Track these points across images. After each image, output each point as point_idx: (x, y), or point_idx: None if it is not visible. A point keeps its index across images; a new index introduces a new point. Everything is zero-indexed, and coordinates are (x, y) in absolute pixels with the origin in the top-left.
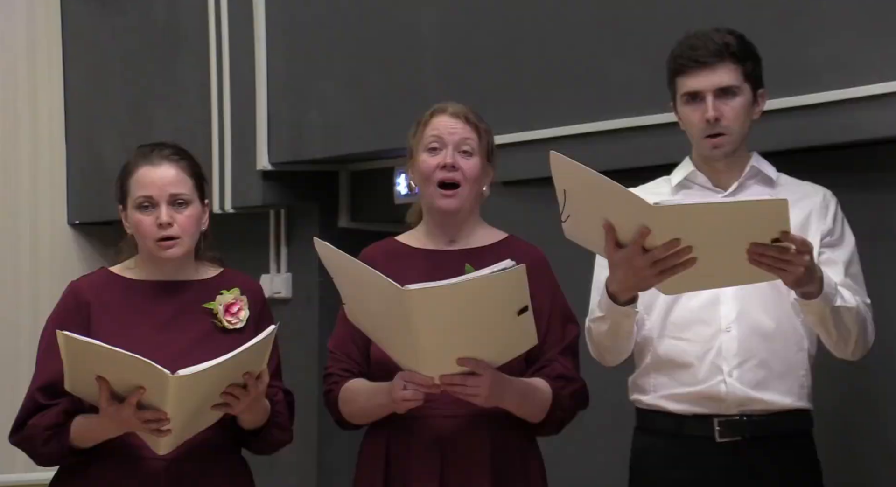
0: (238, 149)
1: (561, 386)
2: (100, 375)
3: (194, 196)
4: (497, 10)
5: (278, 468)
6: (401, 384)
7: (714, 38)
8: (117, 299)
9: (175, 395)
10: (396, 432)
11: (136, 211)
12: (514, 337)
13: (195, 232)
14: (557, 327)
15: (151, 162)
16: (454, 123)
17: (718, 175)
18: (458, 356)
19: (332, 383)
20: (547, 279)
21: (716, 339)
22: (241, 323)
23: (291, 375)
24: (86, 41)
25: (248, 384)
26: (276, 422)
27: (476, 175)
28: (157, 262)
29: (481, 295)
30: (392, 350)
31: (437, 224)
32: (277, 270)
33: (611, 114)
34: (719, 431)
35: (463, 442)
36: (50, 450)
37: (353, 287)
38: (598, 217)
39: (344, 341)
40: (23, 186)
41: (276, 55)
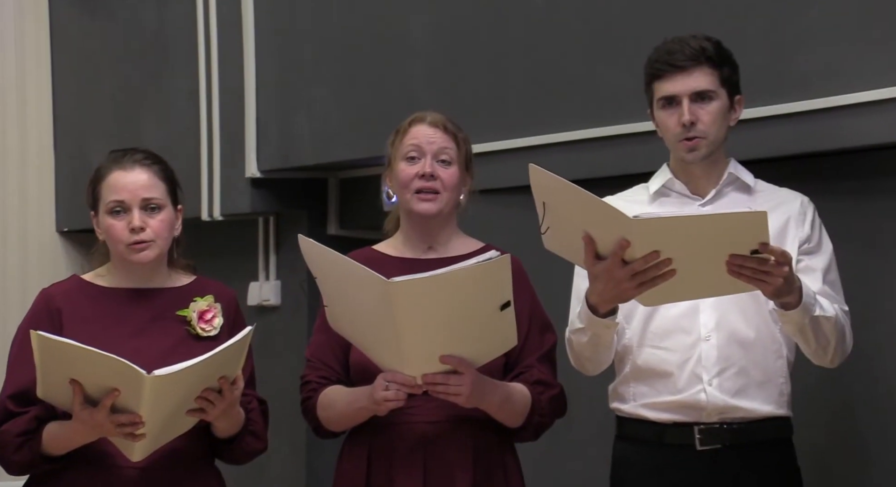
0: (227, 157)
1: (540, 391)
2: (73, 378)
3: (167, 201)
4: (486, 18)
5: (267, 475)
6: (383, 384)
7: (690, 43)
8: (89, 306)
9: (150, 397)
10: (377, 438)
11: (108, 216)
12: (496, 335)
13: (168, 236)
14: (535, 334)
15: (123, 166)
16: (433, 132)
17: (696, 182)
18: (441, 353)
19: (309, 390)
20: (524, 287)
21: (695, 348)
22: (215, 331)
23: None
24: (74, 48)
25: (223, 388)
26: (250, 430)
27: (454, 183)
28: (129, 269)
29: (465, 286)
30: (374, 351)
31: (415, 230)
32: (266, 277)
33: (599, 122)
34: (700, 439)
35: (444, 446)
36: (21, 458)
37: (336, 285)
38: (577, 229)
39: (321, 349)
40: (11, 193)
41: (264, 62)
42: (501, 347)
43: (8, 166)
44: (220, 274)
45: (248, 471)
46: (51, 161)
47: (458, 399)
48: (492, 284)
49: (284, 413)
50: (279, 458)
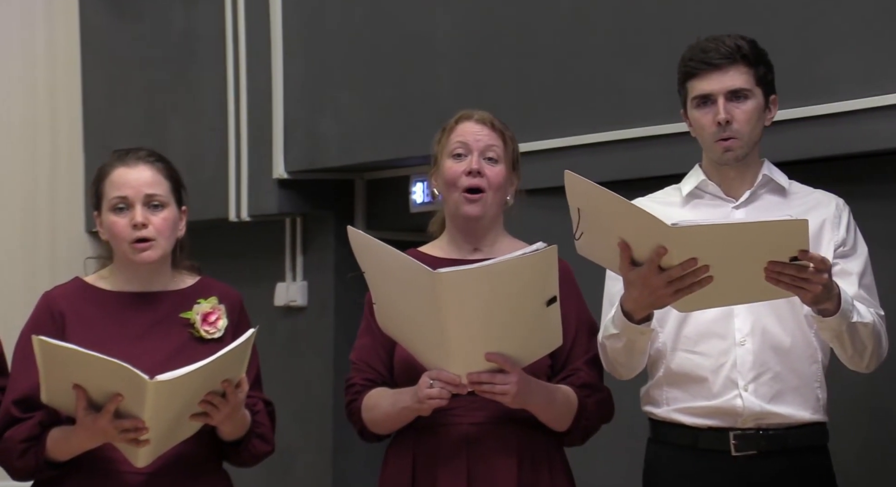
0: (254, 158)
1: (587, 394)
2: (76, 383)
3: (171, 199)
4: (512, 20)
5: (293, 476)
6: (427, 382)
7: (726, 41)
8: (92, 309)
9: (153, 402)
10: (422, 440)
11: (111, 212)
12: (542, 332)
13: (171, 235)
14: (583, 337)
15: (127, 163)
16: (480, 129)
17: (729, 183)
18: (487, 351)
19: (354, 393)
20: (573, 290)
21: (730, 353)
22: (220, 333)
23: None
24: (104, 50)
25: (226, 392)
26: (256, 433)
27: (501, 182)
28: (132, 271)
29: (511, 278)
30: (419, 350)
31: (461, 232)
32: (293, 278)
33: (625, 124)
34: (735, 445)
35: (488, 447)
36: (26, 463)
37: (383, 278)
38: (612, 235)
39: (366, 351)
40: (41, 194)
41: (292, 64)
42: (548, 346)
43: (38, 167)
44: (247, 274)
45: (273, 473)
46: (80, 162)
47: (504, 398)
48: (538, 277)
49: (311, 413)
50: (305, 459)
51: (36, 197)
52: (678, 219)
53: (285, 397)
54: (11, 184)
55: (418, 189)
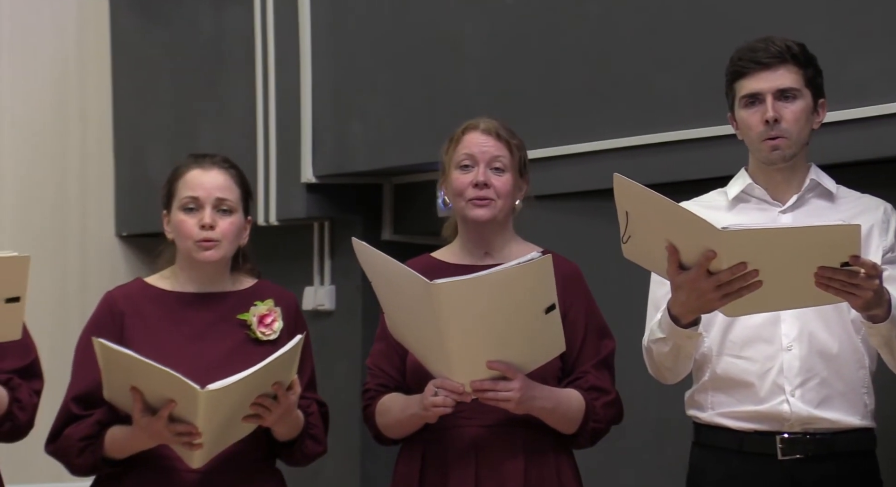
0: (283, 162)
1: (594, 397)
2: (134, 386)
3: (239, 206)
4: (540, 24)
5: (321, 480)
6: (432, 390)
7: (775, 41)
8: (151, 309)
9: (205, 409)
10: (430, 444)
11: (181, 212)
12: (543, 340)
13: (235, 240)
14: (593, 341)
15: (202, 166)
16: (486, 140)
17: (776, 187)
18: (488, 359)
19: (369, 398)
20: (582, 292)
21: (777, 358)
22: (275, 335)
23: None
24: (133, 55)
25: (278, 395)
26: (310, 434)
27: (508, 190)
28: (193, 271)
29: (508, 287)
30: (425, 357)
31: (472, 236)
32: (321, 282)
33: (653, 128)
34: (781, 448)
35: (496, 449)
36: (84, 461)
37: (388, 287)
38: (660, 238)
39: (380, 357)
40: (71, 198)
41: (320, 69)
42: (549, 352)
43: (68, 171)
44: (275, 278)
45: (303, 474)
46: (110, 166)
47: (508, 405)
48: (534, 285)
49: (339, 417)
50: (334, 462)
51: (66, 201)
52: (727, 223)
53: None
54: (42, 188)
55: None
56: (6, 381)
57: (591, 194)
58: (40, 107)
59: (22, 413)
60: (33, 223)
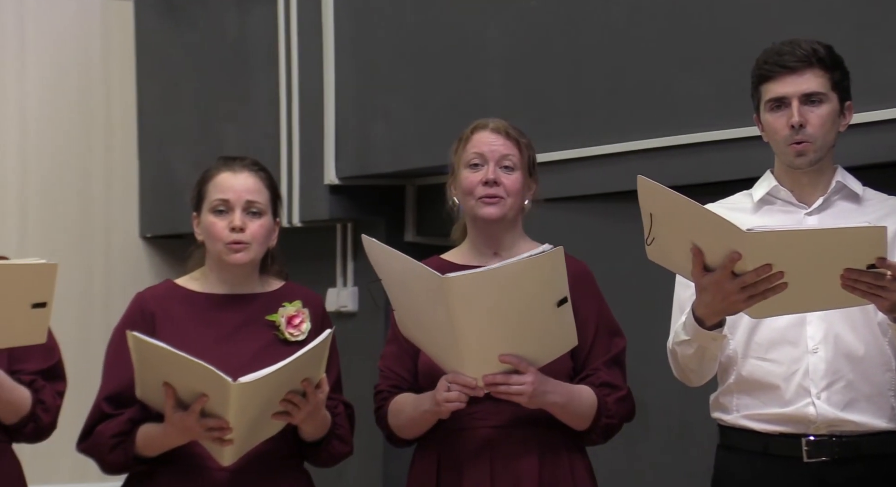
0: (306, 164)
1: (606, 392)
2: (166, 381)
3: (268, 209)
4: (563, 26)
5: (344, 480)
6: (444, 385)
7: (802, 45)
8: (181, 310)
9: (236, 403)
10: (445, 444)
11: (211, 214)
12: (555, 334)
13: (264, 242)
14: (604, 338)
15: (232, 169)
16: (495, 139)
17: (802, 189)
18: (500, 353)
19: (381, 400)
20: (592, 291)
21: (802, 360)
22: (303, 335)
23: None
24: (158, 57)
25: (306, 391)
26: (336, 434)
27: (517, 189)
28: (223, 273)
29: (520, 280)
30: (437, 354)
31: (481, 236)
32: (344, 284)
33: (676, 130)
34: (807, 451)
35: (510, 449)
36: (116, 458)
37: (399, 284)
38: (684, 240)
39: (392, 359)
40: (96, 199)
41: (343, 71)
42: (562, 347)
43: (93, 172)
44: (298, 280)
45: (326, 475)
46: (134, 167)
47: (521, 398)
48: (546, 278)
49: (361, 418)
50: (356, 463)
51: (91, 202)
52: (752, 225)
53: None
54: (67, 189)
55: None
56: (30, 383)
57: (613, 196)
58: (65, 109)
59: (45, 415)
60: (58, 224)
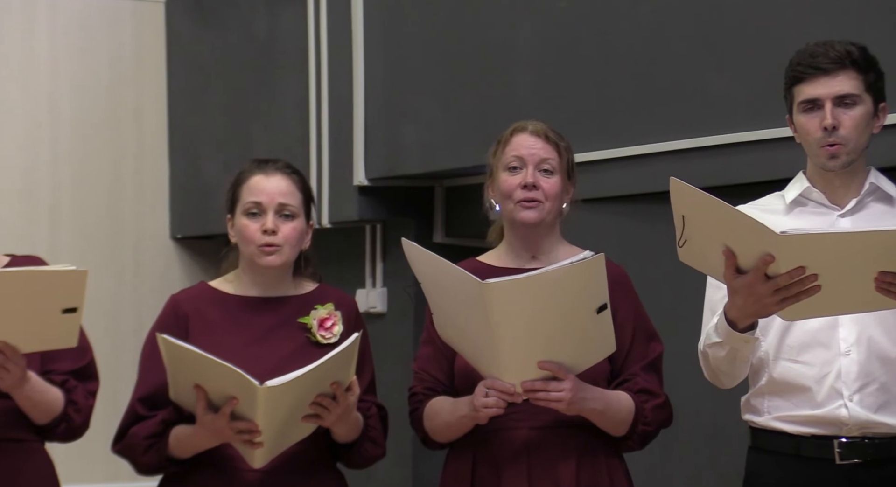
0: (335, 165)
1: (643, 399)
2: (197, 384)
3: (301, 211)
4: (592, 27)
5: (374, 482)
6: (483, 391)
7: (835, 46)
8: (215, 312)
9: (264, 405)
10: (481, 445)
11: (244, 216)
12: (594, 340)
13: (297, 245)
14: (641, 344)
15: (265, 172)
16: (534, 142)
17: (835, 191)
18: (539, 359)
19: (416, 402)
20: (630, 296)
21: (834, 363)
22: (335, 338)
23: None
24: (188, 59)
25: (336, 394)
26: (369, 436)
27: (556, 193)
28: (256, 275)
29: (560, 287)
30: (475, 358)
31: (519, 240)
32: (373, 285)
33: (706, 131)
34: (839, 453)
35: (548, 451)
36: (149, 459)
37: (438, 288)
38: (717, 242)
39: (427, 361)
40: (126, 201)
41: (373, 72)
42: (600, 353)
43: (123, 174)
44: (328, 281)
45: (356, 477)
46: (165, 168)
47: (559, 405)
48: (587, 285)
49: (391, 419)
50: (385, 465)
51: (121, 204)
52: (785, 227)
53: None
54: (97, 190)
55: None
56: (62, 383)
57: (643, 197)
58: (96, 111)
59: (77, 415)
60: (89, 225)
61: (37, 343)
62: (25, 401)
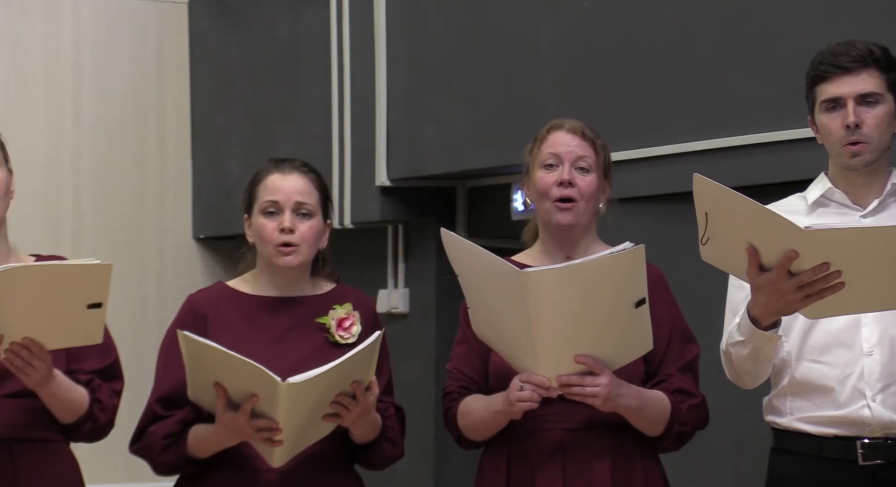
0: (357, 165)
1: (680, 399)
2: (217, 382)
3: (318, 210)
4: (615, 27)
5: (395, 483)
6: (517, 384)
7: (857, 45)
8: (233, 312)
9: (286, 403)
10: (516, 445)
11: (261, 215)
12: (632, 336)
13: (314, 244)
14: (677, 344)
15: (282, 171)
16: (571, 139)
17: (857, 191)
18: (575, 353)
19: (450, 401)
20: (666, 296)
21: (857, 363)
22: (353, 338)
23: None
24: (211, 59)
25: (356, 393)
26: (387, 437)
27: (592, 191)
28: (274, 275)
29: (599, 277)
30: (511, 353)
31: (554, 240)
32: (395, 285)
33: (730, 132)
34: (863, 453)
35: (583, 452)
36: (167, 459)
37: (475, 280)
38: (740, 240)
39: (461, 360)
40: (150, 201)
41: (395, 72)
42: (638, 350)
43: (147, 174)
44: (349, 281)
45: (376, 478)
46: (188, 169)
47: (594, 401)
48: (625, 277)
49: (413, 420)
50: (407, 465)
51: (145, 204)
52: (809, 223)
53: None
54: (121, 191)
55: (520, 197)
56: (87, 382)
57: (667, 198)
58: (119, 112)
59: (102, 414)
60: (112, 226)
61: (62, 339)
62: (51, 399)
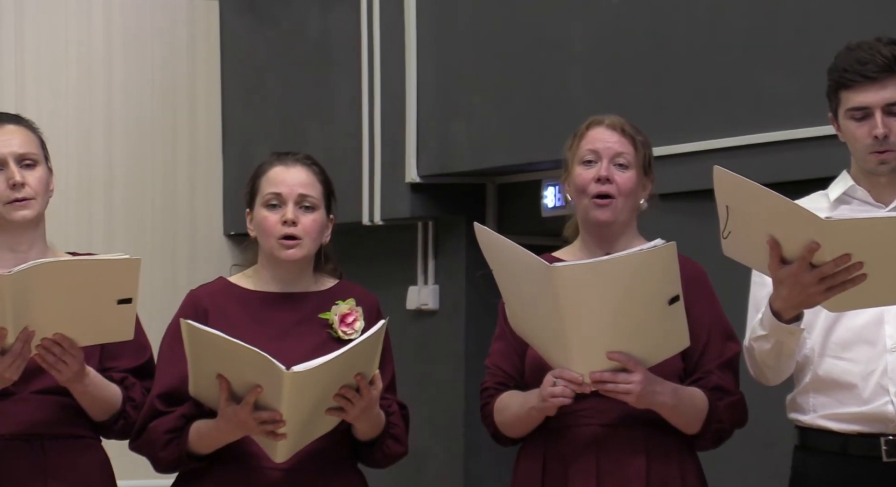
0: (387, 162)
1: (718, 397)
2: (220, 374)
3: (321, 204)
4: (646, 24)
5: (423, 480)
6: (551, 380)
7: (882, 51)
8: (234, 308)
9: (290, 393)
10: (551, 442)
11: (263, 208)
12: (666, 333)
13: (317, 237)
14: (717, 341)
15: (285, 163)
16: (610, 135)
17: (880, 189)
18: (609, 350)
19: (487, 397)
20: (707, 293)
21: (880, 359)
22: (357, 334)
23: (438, 386)
24: (242, 56)
25: (360, 386)
26: (391, 434)
27: (631, 188)
28: (276, 270)
29: (630, 274)
30: (545, 349)
31: (593, 236)
32: (425, 282)
33: (760, 128)
34: (886, 450)
35: (618, 448)
36: (168, 454)
37: (509, 275)
38: (761, 233)
39: (499, 356)
40: (181, 197)
41: (425, 69)
42: (673, 347)
43: (178, 171)
44: (380, 278)
45: (405, 475)
46: (219, 165)
47: (628, 398)
48: (657, 273)
49: (442, 417)
50: (436, 463)
51: (176, 201)
52: (831, 214)
53: (416, 400)
54: (152, 188)
55: (550, 193)
56: (121, 380)
57: (694, 194)
58: (151, 108)
59: (135, 412)
60: (144, 222)
61: (93, 335)
62: (84, 397)
